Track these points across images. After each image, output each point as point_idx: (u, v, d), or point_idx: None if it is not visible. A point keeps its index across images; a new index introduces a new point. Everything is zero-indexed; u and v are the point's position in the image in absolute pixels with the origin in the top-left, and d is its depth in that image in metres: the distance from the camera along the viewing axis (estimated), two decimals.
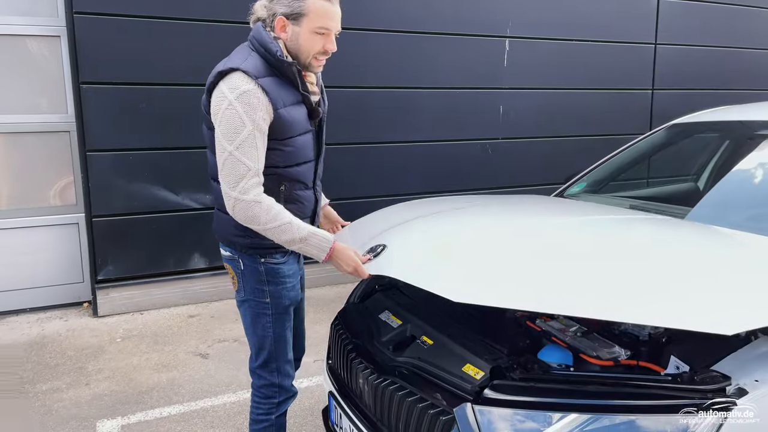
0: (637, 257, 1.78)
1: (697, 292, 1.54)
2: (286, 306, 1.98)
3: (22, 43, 4.13)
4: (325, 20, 1.80)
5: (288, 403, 2.09)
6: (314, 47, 1.83)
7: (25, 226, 4.29)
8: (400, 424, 1.71)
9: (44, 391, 3.20)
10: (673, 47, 6.22)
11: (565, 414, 1.46)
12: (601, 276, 1.64)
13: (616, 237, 2.05)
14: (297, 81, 1.83)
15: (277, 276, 1.94)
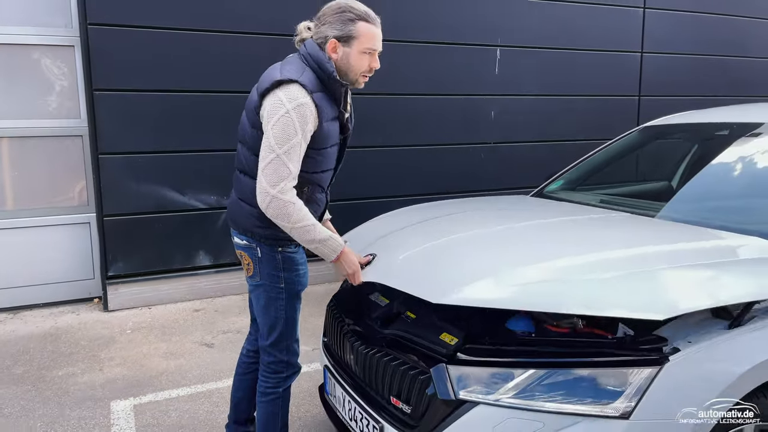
0: (592, 254, 1.99)
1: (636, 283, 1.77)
2: (298, 291, 2.21)
3: (38, 52, 4.39)
4: (372, 42, 2.02)
5: (293, 378, 2.31)
6: (362, 66, 2.05)
7: (40, 225, 4.53)
8: (385, 385, 1.94)
9: (60, 376, 3.43)
10: (659, 56, 6.48)
11: (525, 370, 1.69)
12: (556, 274, 1.85)
13: (578, 238, 2.25)
14: (342, 99, 2.06)
15: (292, 264, 2.16)
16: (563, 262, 1.92)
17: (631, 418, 1.57)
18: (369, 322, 2.20)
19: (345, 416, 2.20)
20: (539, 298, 1.73)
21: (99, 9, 4.21)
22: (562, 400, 1.63)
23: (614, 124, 6.27)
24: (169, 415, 2.97)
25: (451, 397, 1.74)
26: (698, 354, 1.63)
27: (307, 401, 3.11)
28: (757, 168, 2.53)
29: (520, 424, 1.64)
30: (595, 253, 1.99)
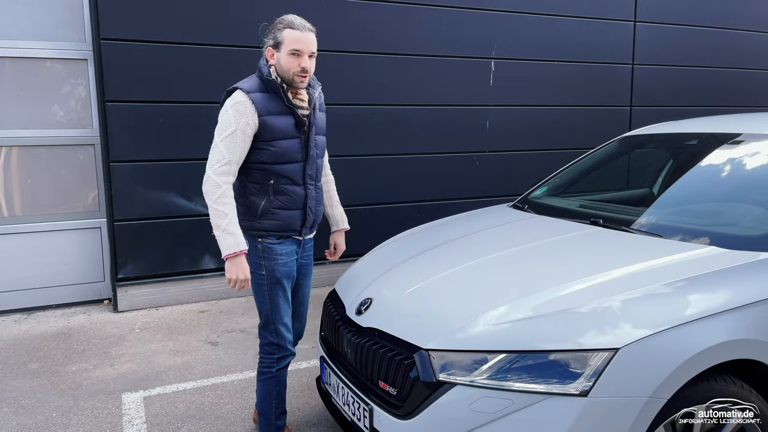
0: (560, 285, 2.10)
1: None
2: (279, 278, 2.44)
3: (53, 65, 4.63)
4: (296, 44, 2.31)
5: (286, 360, 2.56)
6: (293, 66, 2.32)
7: (53, 229, 4.75)
8: (374, 371, 2.14)
9: (74, 371, 3.63)
10: (650, 67, 6.69)
11: (497, 355, 1.89)
12: (521, 309, 2.00)
13: (559, 268, 2.30)
14: (282, 95, 2.33)
15: (271, 253, 2.43)
16: (533, 299, 2.05)
17: (589, 395, 1.77)
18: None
19: (339, 401, 2.39)
20: (514, 338, 1.90)
21: (111, 24, 4.46)
22: (529, 380, 1.83)
23: (607, 133, 6.46)
24: (177, 407, 3.17)
25: (432, 380, 1.93)
26: (652, 338, 1.83)
27: (306, 394, 3.30)
28: (720, 176, 2.73)
29: (492, 402, 1.83)
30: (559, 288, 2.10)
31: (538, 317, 1.95)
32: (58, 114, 4.68)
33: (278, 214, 2.41)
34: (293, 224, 2.45)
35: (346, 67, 5.26)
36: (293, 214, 2.43)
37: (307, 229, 2.54)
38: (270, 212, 2.40)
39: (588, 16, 6.25)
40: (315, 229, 2.63)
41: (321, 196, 2.59)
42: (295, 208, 2.44)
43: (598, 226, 2.63)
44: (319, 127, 2.51)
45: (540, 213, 3.04)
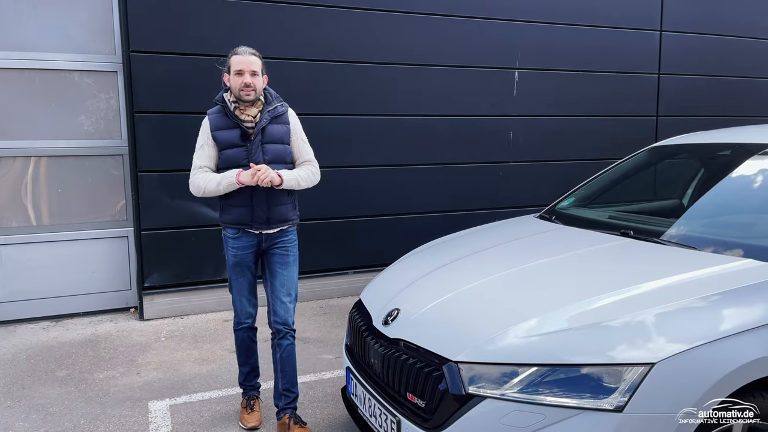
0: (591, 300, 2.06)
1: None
2: (230, 264, 2.95)
3: (83, 77, 4.73)
4: (237, 66, 2.78)
5: (242, 325, 3.09)
6: (237, 83, 2.78)
7: (82, 238, 4.83)
8: (401, 383, 2.13)
9: (101, 378, 3.67)
10: (676, 77, 6.61)
11: (529, 368, 1.87)
12: (553, 324, 1.97)
13: (589, 280, 2.28)
14: (231, 114, 2.82)
15: (227, 244, 2.95)
16: (564, 311, 2.02)
17: (624, 411, 1.73)
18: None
19: (366, 413, 2.38)
20: (544, 351, 1.88)
21: (140, 37, 4.54)
22: (562, 395, 1.80)
23: (632, 144, 6.39)
24: (202, 415, 3.18)
25: (462, 392, 1.91)
26: (689, 353, 1.79)
27: (331, 405, 3.29)
28: (753, 187, 2.68)
29: (524, 416, 1.81)
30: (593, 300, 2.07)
31: (569, 330, 1.92)
32: (87, 125, 4.78)
33: (231, 210, 2.87)
34: (243, 219, 2.85)
35: (372, 78, 5.29)
36: (242, 210, 2.84)
37: (261, 224, 2.87)
38: (226, 208, 2.89)
39: (613, 26, 6.21)
40: (276, 226, 2.90)
41: (278, 197, 2.87)
42: (244, 205, 2.84)
43: (628, 238, 2.59)
44: (271, 136, 2.86)
45: (568, 224, 3.01)
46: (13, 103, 4.57)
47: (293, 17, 4.93)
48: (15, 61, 4.52)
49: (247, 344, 3.12)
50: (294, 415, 2.91)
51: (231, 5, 4.76)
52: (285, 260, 2.94)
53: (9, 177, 4.62)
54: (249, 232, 2.88)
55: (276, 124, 2.88)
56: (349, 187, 5.31)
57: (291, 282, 2.96)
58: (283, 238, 2.93)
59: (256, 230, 2.87)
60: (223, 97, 2.86)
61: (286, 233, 2.95)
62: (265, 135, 2.84)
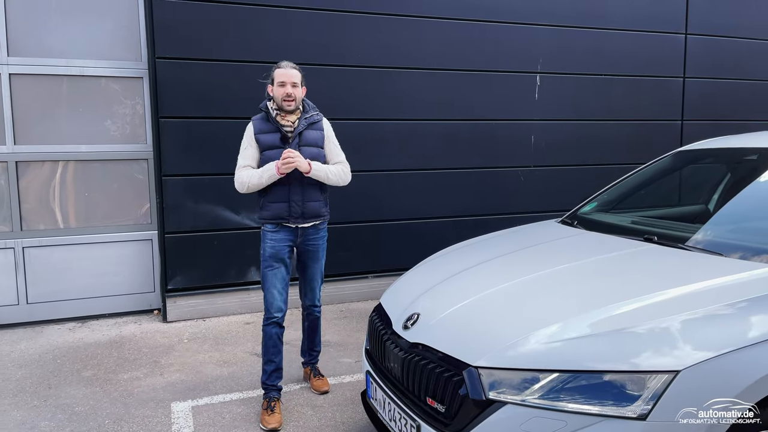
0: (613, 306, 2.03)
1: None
2: (268, 255, 3.23)
3: (110, 83, 4.82)
4: (279, 78, 3.16)
5: (271, 320, 3.24)
6: (280, 94, 3.16)
7: (107, 241, 4.92)
8: (421, 387, 2.12)
9: (126, 379, 3.73)
10: (702, 80, 6.51)
11: (550, 374, 1.85)
12: (573, 329, 1.95)
13: (612, 286, 2.23)
14: (272, 119, 3.19)
15: (265, 237, 3.26)
16: (587, 317, 1.99)
17: (648, 419, 1.71)
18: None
19: (385, 417, 2.38)
20: (566, 358, 1.86)
21: (166, 44, 4.62)
22: (584, 401, 1.78)
23: (657, 148, 6.30)
24: (224, 417, 3.21)
25: (482, 398, 1.90)
26: (715, 361, 1.75)
27: (350, 408, 3.30)
28: None
29: (545, 422, 1.79)
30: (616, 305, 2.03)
31: (592, 336, 1.90)
32: (113, 130, 4.87)
33: (270, 207, 3.20)
34: (281, 214, 3.19)
35: (393, 83, 5.31)
36: (280, 206, 3.18)
37: (297, 219, 3.21)
38: (265, 205, 3.22)
39: (637, 29, 6.14)
40: (310, 220, 3.26)
41: (312, 194, 3.22)
42: (281, 201, 3.18)
43: (652, 243, 2.55)
44: (307, 140, 3.22)
45: (590, 229, 2.98)
46: (42, 109, 4.68)
47: (316, 23, 4.97)
48: (44, 67, 4.63)
49: (274, 341, 3.27)
50: (314, 368, 3.62)
51: (254, 12, 4.81)
52: (316, 255, 3.38)
53: (38, 181, 4.73)
54: (286, 227, 3.23)
55: (312, 129, 3.25)
56: (369, 192, 5.32)
57: (319, 272, 3.45)
58: (315, 235, 3.32)
59: (292, 224, 3.22)
60: (266, 105, 3.24)
61: (318, 229, 3.34)
62: (302, 139, 3.21)
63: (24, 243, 4.70)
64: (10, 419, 3.21)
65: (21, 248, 4.70)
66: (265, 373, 3.27)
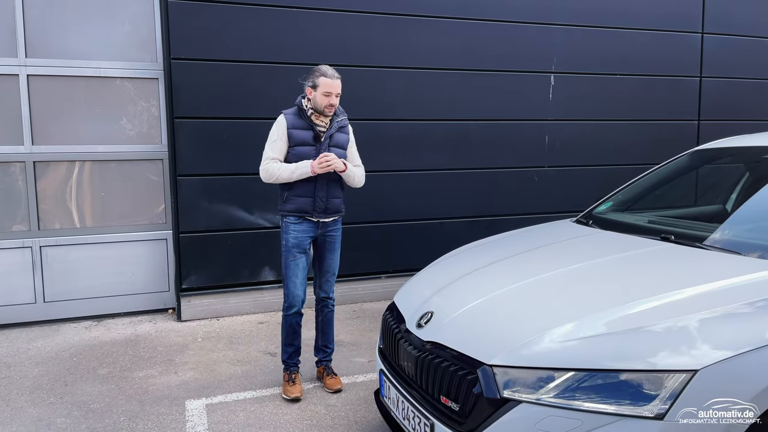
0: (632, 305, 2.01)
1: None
2: (290, 245, 3.36)
3: (125, 84, 4.87)
4: (328, 88, 3.26)
5: (292, 309, 3.42)
6: (324, 102, 3.27)
7: (122, 240, 4.96)
8: (435, 386, 2.12)
9: (141, 377, 3.76)
10: (718, 80, 6.43)
11: (565, 372, 1.83)
12: (592, 328, 1.93)
13: (620, 285, 2.22)
14: (307, 118, 3.33)
15: (288, 229, 3.38)
16: (603, 316, 1.97)
17: (665, 419, 1.68)
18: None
19: (399, 416, 2.37)
20: (582, 356, 1.84)
21: (181, 45, 4.66)
22: (600, 401, 1.76)
23: (673, 148, 6.21)
24: (237, 415, 3.22)
25: (496, 396, 1.89)
26: (734, 360, 1.73)
27: (363, 407, 3.29)
28: None
29: (560, 421, 1.77)
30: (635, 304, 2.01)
31: (608, 335, 1.88)
32: (129, 130, 4.91)
33: (294, 200, 3.33)
34: (306, 208, 3.33)
35: (406, 83, 5.30)
36: (305, 201, 3.32)
37: (320, 213, 3.36)
38: (290, 199, 3.34)
39: (653, 29, 6.09)
40: (331, 216, 3.41)
41: (335, 191, 3.39)
42: (307, 196, 3.32)
43: (670, 242, 2.52)
44: (335, 142, 3.38)
45: (605, 228, 2.95)
46: (59, 110, 4.73)
47: (328, 24, 4.98)
48: (61, 68, 4.68)
49: (293, 328, 3.48)
50: (327, 367, 3.63)
51: (268, 13, 4.84)
52: (333, 247, 3.50)
53: (55, 181, 4.78)
54: (309, 220, 3.37)
55: (340, 132, 3.44)
56: (382, 192, 5.32)
57: (335, 264, 3.55)
58: (334, 227, 3.48)
59: (315, 219, 3.37)
60: (302, 102, 3.36)
61: (336, 222, 3.50)
62: (332, 140, 3.38)
63: (41, 242, 4.76)
64: (26, 416, 3.24)
65: (38, 247, 4.76)
66: (286, 353, 3.52)
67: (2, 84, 4.59)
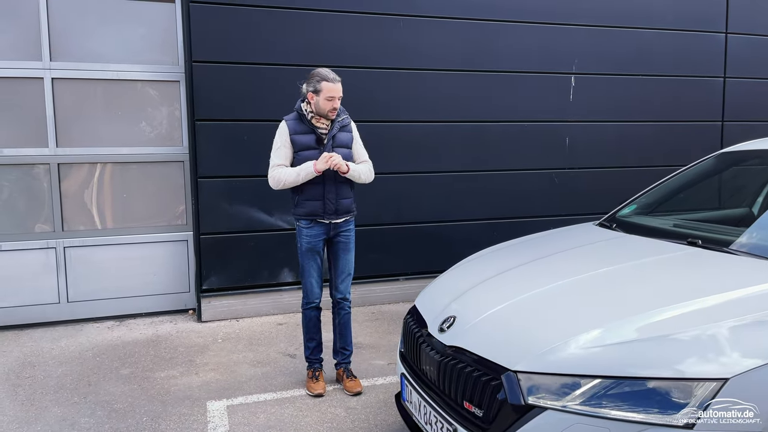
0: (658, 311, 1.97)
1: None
2: (305, 250, 3.46)
3: (147, 87, 4.92)
4: (330, 92, 3.28)
5: (310, 305, 3.54)
6: (327, 107, 3.31)
7: (144, 241, 5.01)
8: (458, 391, 2.10)
9: (162, 377, 3.79)
10: (743, 81, 6.33)
11: (592, 379, 1.81)
12: (619, 334, 1.91)
13: (647, 291, 2.18)
14: (308, 123, 3.36)
15: (301, 233, 3.47)
16: (629, 322, 1.95)
17: (695, 429, 1.66)
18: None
19: (420, 420, 2.36)
20: (608, 363, 1.82)
21: (202, 48, 4.70)
22: (627, 409, 1.74)
23: (696, 150, 6.14)
24: (258, 417, 3.24)
25: (521, 403, 1.88)
26: (763, 368, 1.69)
27: (383, 411, 3.29)
28: None
29: (587, 429, 1.75)
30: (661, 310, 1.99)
31: (635, 342, 1.85)
32: (150, 132, 4.97)
33: (305, 204, 3.39)
34: (316, 210, 3.39)
35: (424, 84, 5.29)
36: (315, 204, 3.37)
37: (330, 215, 3.41)
38: (301, 203, 3.41)
39: (676, 29, 6.01)
40: (342, 216, 3.45)
41: (344, 192, 3.43)
42: (316, 199, 3.37)
43: (696, 247, 2.48)
44: (339, 142, 3.42)
45: (630, 232, 2.91)
46: (82, 112, 4.80)
47: (346, 26, 4.99)
48: (85, 71, 4.74)
49: (314, 322, 3.59)
50: (347, 369, 3.64)
51: (288, 16, 4.86)
52: (346, 247, 3.54)
53: (78, 182, 4.85)
54: (320, 222, 3.42)
55: (343, 132, 3.46)
56: (400, 194, 5.31)
57: (351, 264, 3.59)
58: (346, 227, 3.52)
59: (326, 220, 3.42)
60: (301, 107, 3.39)
61: (349, 223, 3.53)
62: (335, 141, 3.42)
63: (65, 243, 4.83)
64: (51, 415, 3.29)
65: (62, 248, 4.82)
66: (308, 349, 3.62)
67: (27, 87, 4.66)
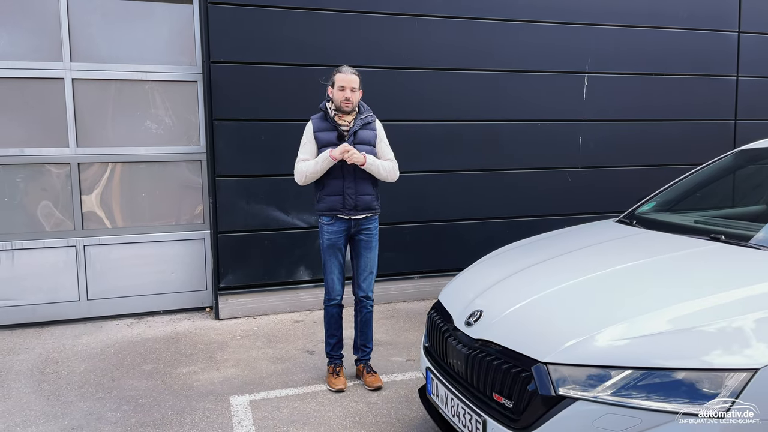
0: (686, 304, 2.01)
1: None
2: (325, 247, 3.51)
3: (165, 87, 4.98)
4: (340, 82, 3.38)
5: (332, 302, 3.58)
6: (340, 97, 3.39)
7: (162, 240, 5.07)
8: (487, 383, 2.14)
9: (184, 373, 3.84)
10: (756, 79, 6.33)
11: (622, 370, 1.84)
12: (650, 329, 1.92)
13: (681, 285, 2.20)
14: (331, 119, 3.45)
15: (322, 230, 3.52)
16: (657, 315, 1.98)
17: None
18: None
19: (447, 413, 2.40)
20: (637, 355, 1.85)
21: (220, 48, 4.75)
22: (658, 399, 1.77)
23: (710, 149, 6.16)
24: (281, 411, 3.28)
25: (551, 394, 1.91)
26: None
27: (405, 406, 3.33)
28: None
29: (619, 419, 1.78)
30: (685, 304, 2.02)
31: (664, 334, 1.88)
32: (169, 132, 5.02)
33: (325, 199, 3.45)
34: (336, 206, 3.43)
35: (439, 83, 5.33)
36: (335, 199, 3.42)
37: (350, 211, 3.44)
38: (322, 198, 3.47)
39: (688, 28, 6.02)
40: (362, 212, 3.47)
41: (364, 188, 3.45)
42: (336, 194, 3.43)
43: (720, 242, 2.51)
44: (361, 139, 3.45)
45: (650, 228, 2.94)
46: (101, 112, 4.86)
47: (364, 26, 5.04)
48: (104, 72, 4.81)
49: (335, 319, 3.63)
50: (367, 365, 3.68)
51: (305, 16, 4.91)
52: (369, 245, 3.56)
53: (98, 181, 4.91)
54: (341, 218, 3.46)
55: (365, 129, 3.49)
56: (416, 193, 5.35)
57: (373, 262, 3.60)
58: (368, 225, 3.53)
59: (347, 216, 3.45)
60: (325, 105, 3.49)
61: (371, 220, 3.55)
62: (357, 137, 3.46)
63: (85, 241, 4.89)
64: (77, 409, 3.34)
65: (82, 246, 4.89)
66: (329, 345, 3.66)
67: (49, 87, 4.73)
